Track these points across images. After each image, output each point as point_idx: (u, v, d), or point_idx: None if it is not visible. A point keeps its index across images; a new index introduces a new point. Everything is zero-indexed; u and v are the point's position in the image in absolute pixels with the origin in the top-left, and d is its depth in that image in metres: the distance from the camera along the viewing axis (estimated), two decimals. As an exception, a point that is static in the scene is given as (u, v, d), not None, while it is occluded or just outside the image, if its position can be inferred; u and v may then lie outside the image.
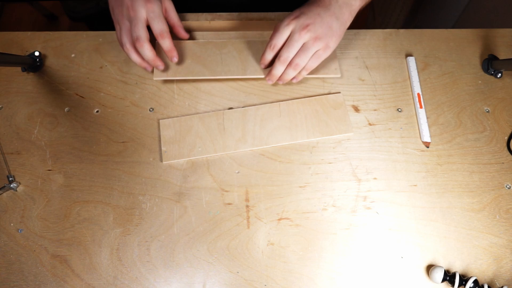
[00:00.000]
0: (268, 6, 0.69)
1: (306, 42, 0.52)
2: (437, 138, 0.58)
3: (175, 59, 0.57)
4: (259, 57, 0.61)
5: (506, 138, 0.58)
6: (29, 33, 0.66)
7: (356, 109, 0.60)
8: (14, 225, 0.53)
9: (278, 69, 0.54)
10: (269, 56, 0.55)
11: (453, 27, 1.17)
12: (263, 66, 0.58)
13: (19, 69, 0.63)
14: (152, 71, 0.59)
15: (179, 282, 0.50)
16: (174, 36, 0.60)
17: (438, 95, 0.61)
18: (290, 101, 0.60)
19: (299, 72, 0.55)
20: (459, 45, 0.66)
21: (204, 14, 0.65)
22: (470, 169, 0.56)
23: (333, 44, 0.53)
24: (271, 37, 0.53)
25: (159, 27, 0.54)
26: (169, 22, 0.59)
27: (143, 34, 0.53)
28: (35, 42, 0.65)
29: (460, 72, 0.63)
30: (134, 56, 0.55)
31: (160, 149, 0.57)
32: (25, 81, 0.62)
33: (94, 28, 0.70)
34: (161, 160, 0.56)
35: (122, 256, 0.51)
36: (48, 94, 0.61)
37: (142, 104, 0.61)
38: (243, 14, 0.65)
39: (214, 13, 0.65)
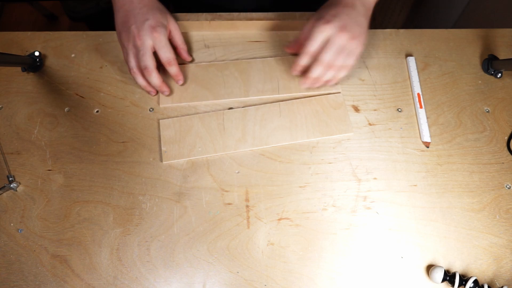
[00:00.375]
0: (288, 8, 0.68)
1: (345, 43, 0.52)
2: (437, 138, 0.58)
3: (181, 82, 0.60)
4: (260, 76, 0.61)
5: (506, 138, 0.58)
6: (29, 33, 0.66)
7: (356, 109, 0.60)
8: (14, 225, 0.53)
9: (318, 71, 0.54)
10: (304, 62, 0.55)
11: (453, 27, 1.17)
12: (296, 72, 0.58)
13: (19, 69, 0.63)
14: (156, 94, 0.60)
15: (179, 282, 0.50)
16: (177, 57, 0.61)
17: (438, 95, 0.61)
18: (290, 101, 0.60)
19: (336, 77, 0.56)
20: (459, 45, 0.66)
21: (204, 14, 0.65)
22: (470, 169, 0.56)
23: (364, 39, 0.54)
24: (305, 44, 0.53)
25: (166, 55, 0.56)
26: (173, 44, 0.60)
27: (150, 63, 0.55)
28: (35, 42, 0.65)
29: (460, 72, 0.63)
30: (141, 80, 0.58)
31: (160, 149, 0.57)
32: (25, 81, 0.62)
33: (94, 28, 0.70)
34: (161, 160, 0.56)
35: (122, 256, 0.51)
36: (48, 94, 0.61)
37: (142, 104, 0.61)
38: (243, 14, 0.65)
39: (214, 13, 0.65)
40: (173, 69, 0.58)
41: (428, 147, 0.58)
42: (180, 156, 0.56)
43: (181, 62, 0.63)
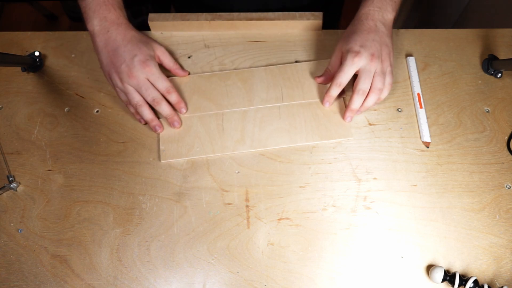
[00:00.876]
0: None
1: (377, 69, 0.54)
2: (437, 138, 0.58)
3: (184, 110, 0.58)
4: (263, 85, 0.61)
5: (506, 138, 0.58)
6: (29, 33, 0.66)
7: (356, 109, 0.60)
8: (14, 225, 0.53)
9: (357, 102, 0.55)
10: (335, 93, 0.56)
11: (453, 27, 1.16)
12: (328, 104, 0.58)
13: (19, 69, 0.63)
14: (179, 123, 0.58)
15: (179, 282, 0.50)
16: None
17: (438, 95, 0.61)
18: (290, 104, 0.60)
19: (380, 97, 0.56)
20: (459, 45, 0.66)
21: (204, 14, 0.65)
22: (470, 169, 0.56)
23: (389, 57, 0.56)
24: (337, 76, 0.55)
25: (163, 85, 0.56)
26: (165, 67, 0.60)
27: (157, 94, 0.55)
28: (35, 42, 0.65)
29: (460, 72, 0.63)
30: (148, 112, 0.56)
31: (159, 149, 0.57)
32: (25, 81, 0.62)
33: (94, 28, 0.70)
34: (159, 159, 0.56)
35: (122, 256, 0.51)
36: (48, 94, 0.61)
37: (142, 104, 0.60)
38: (243, 14, 0.65)
39: (214, 13, 0.65)
40: (173, 96, 0.57)
41: (428, 147, 0.58)
42: (178, 155, 0.56)
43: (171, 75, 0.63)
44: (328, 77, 0.59)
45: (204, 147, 0.57)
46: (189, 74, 0.62)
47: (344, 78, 0.55)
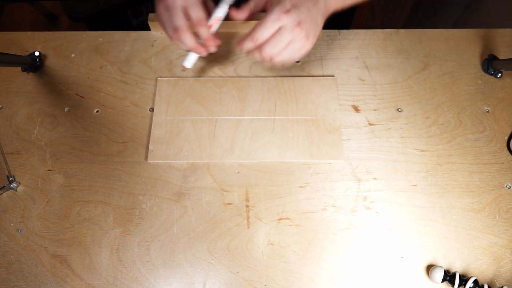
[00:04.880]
0: None
1: (295, 39, 0.49)
2: (437, 138, 0.58)
3: (213, 49, 0.54)
4: (257, 96, 0.60)
5: (506, 138, 0.58)
6: (29, 33, 0.66)
7: (356, 109, 0.60)
8: (14, 225, 0.53)
9: (257, 58, 0.51)
10: (249, 46, 0.51)
11: (453, 27, 1.17)
12: (239, 50, 0.54)
13: (19, 69, 0.63)
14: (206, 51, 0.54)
15: (179, 282, 0.50)
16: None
17: (438, 95, 0.61)
18: (284, 118, 0.59)
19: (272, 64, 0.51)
20: (459, 45, 0.66)
21: (204, 14, 0.65)
22: (470, 169, 0.56)
23: (314, 39, 0.51)
24: (255, 28, 0.49)
25: (196, 15, 0.50)
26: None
27: (182, 23, 0.50)
28: (35, 42, 0.65)
29: (460, 72, 0.63)
30: (188, 38, 0.51)
31: (148, 148, 0.57)
32: (25, 81, 0.62)
33: (94, 28, 0.70)
34: (146, 159, 0.56)
35: (122, 256, 0.51)
36: (48, 94, 0.61)
37: (142, 104, 0.61)
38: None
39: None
40: (204, 30, 0.51)
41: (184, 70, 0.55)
42: (165, 157, 0.56)
43: (180, 75, 0.63)
44: (247, 14, 0.54)
45: (192, 152, 0.56)
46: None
47: (263, 34, 0.48)
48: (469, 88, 0.62)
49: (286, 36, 0.48)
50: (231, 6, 0.54)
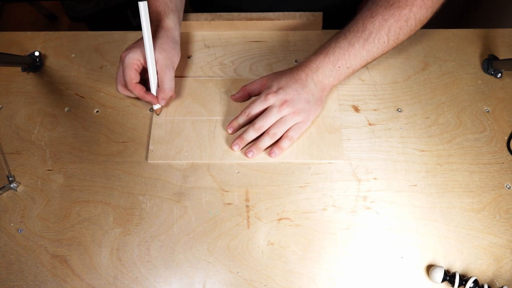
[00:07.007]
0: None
1: (285, 115, 0.54)
2: (437, 138, 0.58)
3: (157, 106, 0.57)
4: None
5: (506, 138, 0.58)
6: (29, 33, 0.66)
7: (356, 109, 0.60)
8: (14, 225, 0.53)
9: (250, 134, 0.55)
10: (241, 120, 0.56)
11: (453, 27, 1.17)
12: (230, 131, 0.57)
13: (19, 69, 0.63)
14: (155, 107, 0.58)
15: (179, 282, 0.50)
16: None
17: (438, 95, 0.61)
18: None
19: (279, 144, 0.55)
20: (459, 45, 0.66)
21: (204, 14, 0.66)
22: (470, 169, 0.56)
23: (312, 117, 0.56)
24: (248, 106, 0.55)
25: (126, 76, 0.54)
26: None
27: (127, 78, 0.54)
28: (35, 42, 0.65)
29: (460, 72, 0.63)
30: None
31: (148, 148, 0.57)
32: (25, 81, 0.62)
33: (94, 28, 0.70)
34: (146, 159, 0.56)
35: (122, 256, 0.51)
36: (48, 94, 0.62)
37: (142, 104, 0.61)
38: (243, 14, 0.65)
39: (214, 13, 0.65)
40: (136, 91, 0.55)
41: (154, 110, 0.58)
42: (166, 157, 0.56)
43: (180, 75, 0.63)
44: (243, 95, 0.60)
45: (192, 152, 0.56)
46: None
47: (253, 109, 0.55)
48: (469, 88, 0.62)
49: (273, 112, 0.54)
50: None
